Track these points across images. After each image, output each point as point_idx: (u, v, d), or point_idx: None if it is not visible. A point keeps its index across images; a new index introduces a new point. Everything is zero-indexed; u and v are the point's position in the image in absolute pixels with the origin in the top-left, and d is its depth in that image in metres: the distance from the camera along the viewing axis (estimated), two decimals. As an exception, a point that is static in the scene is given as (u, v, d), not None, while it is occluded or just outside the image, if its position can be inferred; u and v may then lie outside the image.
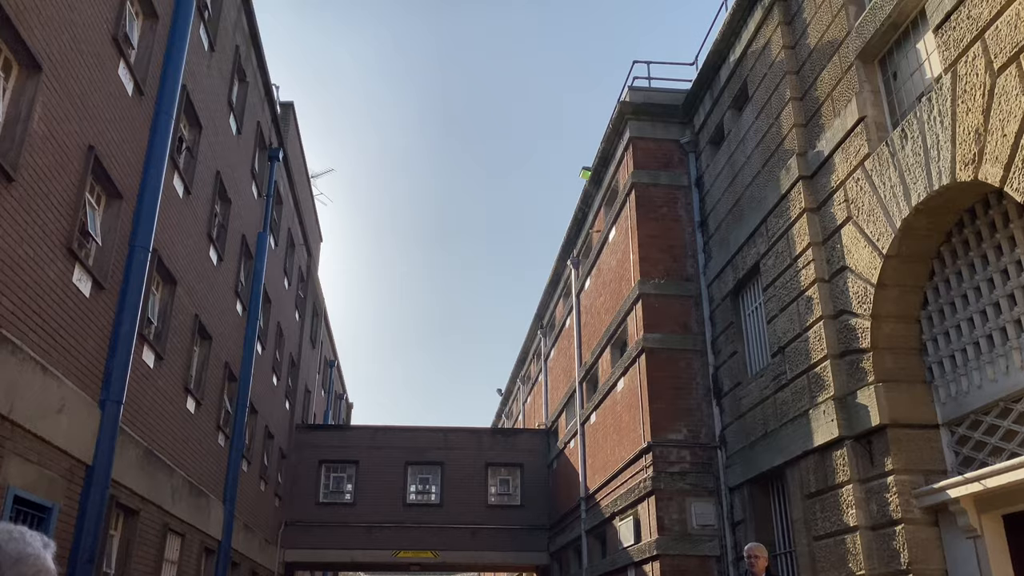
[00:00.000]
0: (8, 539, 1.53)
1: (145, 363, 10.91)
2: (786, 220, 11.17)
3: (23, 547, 1.54)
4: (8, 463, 7.31)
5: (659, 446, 13.83)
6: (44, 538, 1.61)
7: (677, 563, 13.12)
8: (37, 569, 1.54)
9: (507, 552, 23.45)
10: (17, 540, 1.54)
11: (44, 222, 7.90)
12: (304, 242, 24.57)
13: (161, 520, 11.79)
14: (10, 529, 1.56)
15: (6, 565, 1.50)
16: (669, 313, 14.69)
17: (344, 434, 25.48)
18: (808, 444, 10.12)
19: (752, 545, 7.57)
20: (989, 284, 8.15)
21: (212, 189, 13.85)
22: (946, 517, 8.37)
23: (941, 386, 8.83)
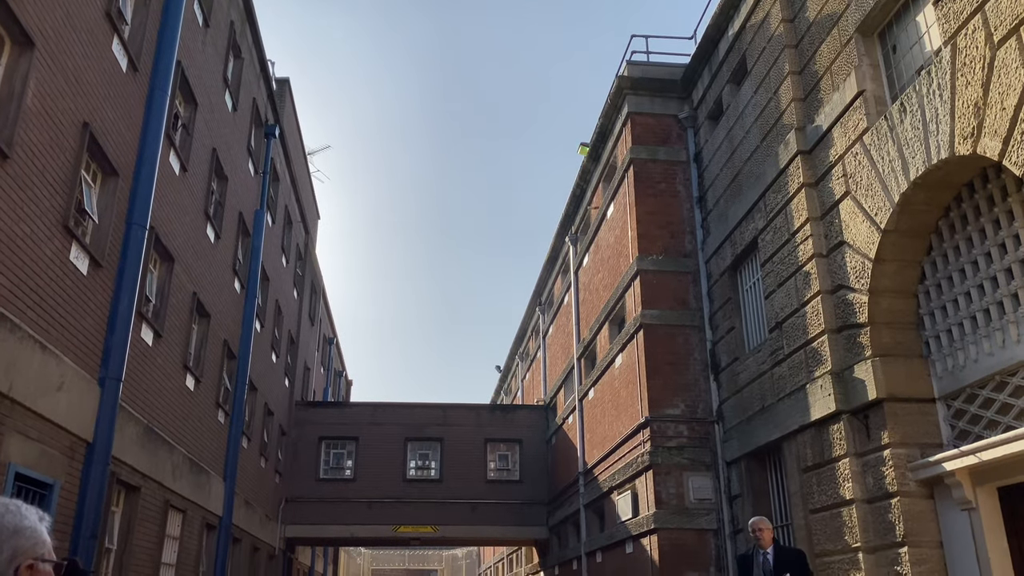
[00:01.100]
0: (5, 512, 1.55)
1: (144, 341, 10.92)
2: (784, 195, 11.16)
3: (19, 520, 1.56)
4: (8, 440, 7.34)
5: (657, 421, 13.91)
6: (40, 511, 1.63)
7: (675, 537, 13.24)
8: (34, 541, 1.56)
9: (506, 526, 23.66)
10: (13, 513, 1.56)
11: (40, 199, 7.87)
12: (301, 219, 24.52)
13: (162, 497, 11.87)
14: (6, 503, 1.57)
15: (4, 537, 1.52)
16: (667, 289, 14.70)
17: (344, 411, 25.59)
18: (805, 418, 10.17)
19: (757, 519, 7.58)
20: (987, 258, 8.16)
21: (208, 166, 13.79)
22: (941, 490, 8.44)
23: (938, 360, 8.87)
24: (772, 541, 7.46)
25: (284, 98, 20.89)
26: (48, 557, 1.58)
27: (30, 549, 1.54)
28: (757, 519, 7.58)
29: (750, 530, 7.57)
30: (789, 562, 7.17)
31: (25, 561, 1.53)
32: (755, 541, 7.48)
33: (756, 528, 7.48)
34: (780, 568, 7.10)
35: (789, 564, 7.12)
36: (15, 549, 1.52)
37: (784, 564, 7.14)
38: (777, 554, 7.31)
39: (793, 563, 7.12)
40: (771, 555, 7.32)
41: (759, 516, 7.66)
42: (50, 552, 1.60)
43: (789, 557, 7.31)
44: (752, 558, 7.43)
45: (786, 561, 7.20)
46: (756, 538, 7.45)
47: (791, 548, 7.76)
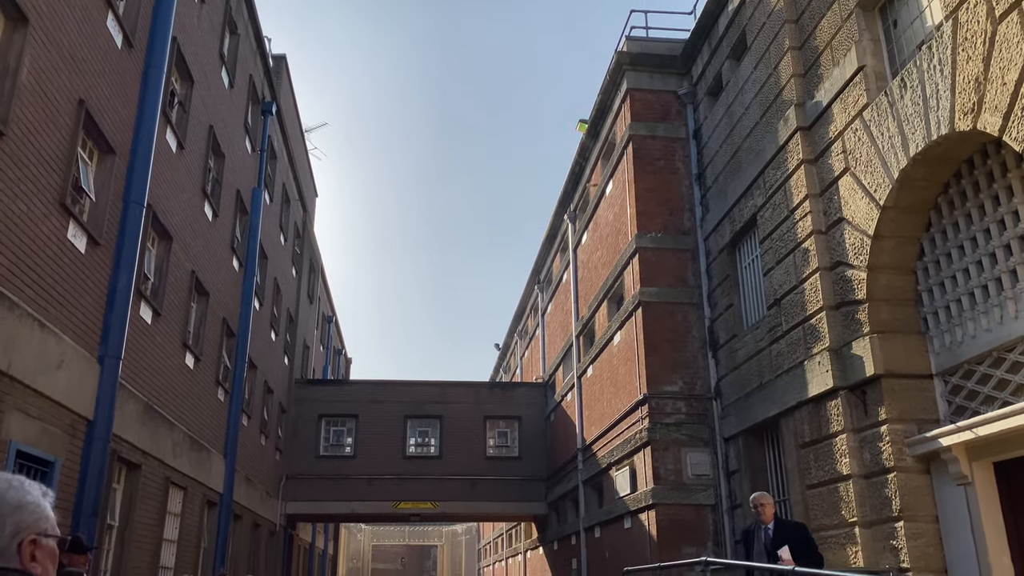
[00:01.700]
0: (7, 488, 1.55)
1: (143, 319, 10.93)
2: (784, 172, 11.12)
3: (23, 495, 1.56)
4: (9, 418, 7.36)
5: (655, 398, 13.96)
6: (43, 487, 1.63)
7: (672, 512, 13.34)
8: (37, 516, 1.56)
9: (506, 502, 23.82)
10: (16, 488, 1.56)
11: (36, 177, 7.84)
12: (299, 197, 24.44)
13: (163, 474, 11.93)
14: (9, 478, 1.58)
15: (6, 512, 1.52)
16: (666, 266, 14.70)
17: (343, 389, 25.67)
18: (803, 395, 10.21)
19: (758, 494, 7.54)
20: (985, 234, 8.15)
21: (205, 144, 13.72)
22: (938, 465, 8.50)
23: (936, 336, 8.89)
24: (773, 516, 7.42)
25: (281, 75, 20.75)
26: (52, 532, 1.58)
27: (33, 524, 1.54)
28: (758, 494, 7.54)
29: (751, 505, 7.50)
30: (789, 536, 7.16)
31: (28, 536, 1.53)
32: (756, 516, 7.44)
33: (757, 503, 7.42)
34: (780, 542, 7.10)
35: (789, 538, 7.11)
36: (18, 524, 1.52)
37: (784, 538, 7.13)
38: (777, 528, 7.29)
39: (793, 537, 7.11)
40: (771, 530, 7.31)
41: (760, 491, 7.65)
42: (53, 527, 1.60)
43: (789, 531, 7.29)
44: (754, 533, 7.43)
45: (786, 535, 7.19)
46: (757, 513, 7.40)
47: (792, 522, 7.72)
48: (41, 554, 1.54)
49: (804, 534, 7.21)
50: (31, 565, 1.52)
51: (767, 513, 7.29)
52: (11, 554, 1.50)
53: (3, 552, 1.49)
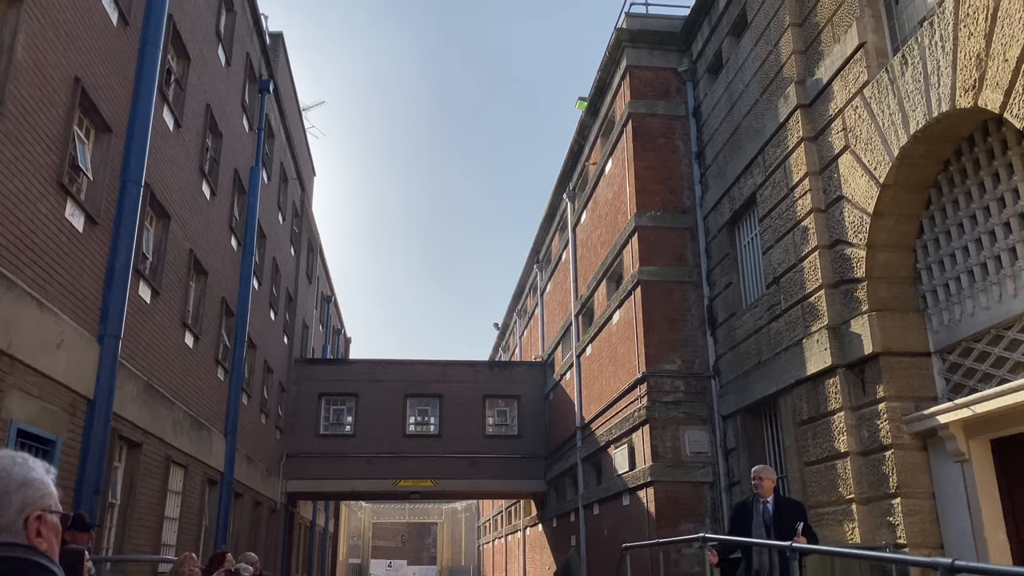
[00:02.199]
0: (12, 464, 1.56)
1: (142, 298, 10.93)
2: (783, 150, 11.08)
3: (27, 472, 1.58)
4: (10, 397, 7.38)
5: (654, 376, 14.01)
6: (46, 464, 1.65)
7: (671, 489, 13.42)
8: (42, 493, 1.57)
9: (505, 480, 23.97)
10: (21, 465, 1.57)
11: (33, 156, 7.81)
12: (297, 176, 24.36)
13: (163, 452, 11.99)
14: (13, 455, 1.59)
15: (12, 488, 1.53)
16: (665, 245, 14.69)
17: (343, 368, 25.73)
18: (801, 373, 10.24)
19: (759, 467, 7.43)
20: (985, 212, 8.14)
21: (203, 122, 13.65)
22: (935, 442, 8.54)
23: (934, 314, 8.90)
24: (773, 491, 7.39)
25: (278, 53, 20.61)
26: (55, 508, 1.60)
27: (38, 500, 1.56)
28: (760, 467, 7.42)
29: (752, 477, 7.42)
30: (790, 513, 7.15)
31: (34, 512, 1.54)
32: (755, 489, 7.35)
33: (757, 476, 7.25)
34: (780, 518, 7.09)
35: (790, 515, 7.10)
36: (24, 500, 1.54)
37: (785, 514, 7.11)
38: (777, 504, 7.24)
39: (794, 514, 7.11)
40: (771, 504, 7.29)
41: (762, 465, 7.61)
42: (57, 504, 1.62)
43: (790, 508, 7.24)
44: (751, 506, 7.37)
45: (787, 512, 7.17)
46: (756, 486, 7.31)
47: (791, 499, 7.71)
48: (46, 529, 1.56)
49: (804, 513, 7.22)
50: (36, 540, 1.53)
51: (766, 487, 7.22)
52: (17, 529, 1.51)
53: (9, 528, 1.51)
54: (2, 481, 1.54)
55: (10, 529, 1.51)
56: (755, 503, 7.31)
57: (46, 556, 1.54)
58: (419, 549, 57.55)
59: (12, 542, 1.50)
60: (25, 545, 1.51)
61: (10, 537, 1.50)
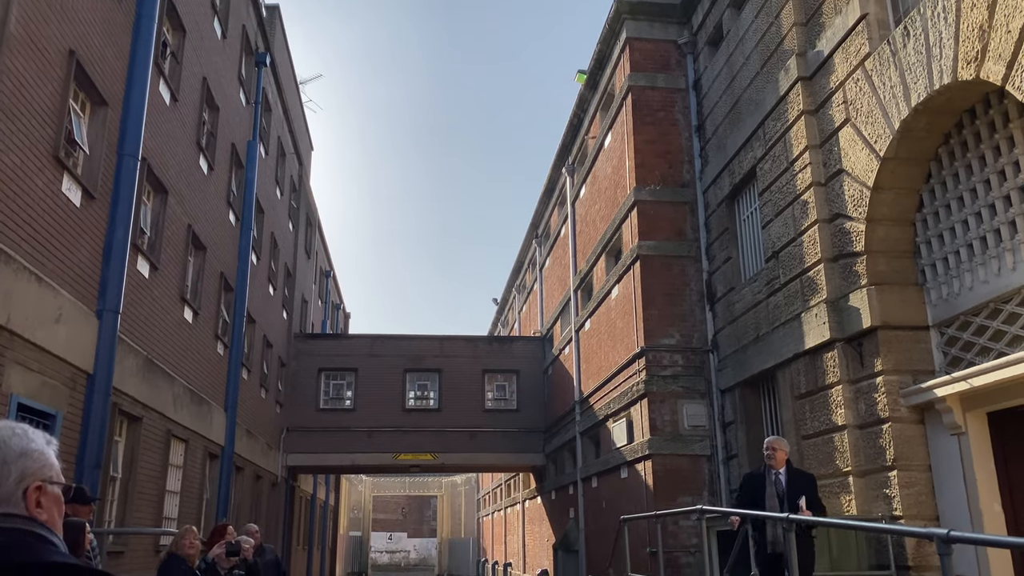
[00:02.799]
0: (11, 435, 1.55)
1: (140, 273, 10.91)
2: (784, 123, 11.02)
3: (27, 443, 1.56)
4: (10, 371, 7.40)
5: (652, 351, 14.04)
6: (46, 435, 1.63)
7: (668, 462, 13.51)
8: (41, 464, 1.56)
9: (504, 453, 24.11)
10: (20, 436, 1.56)
11: (29, 130, 7.75)
12: (295, 151, 24.24)
13: (164, 427, 12.04)
14: (12, 426, 1.58)
15: (11, 459, 1.52)
16: (664, 220, 14.65)
17: (342, 343, 25.78)
18: (800, 347, 10.27)
19: (773, 438, 7.27)
20: (985, 185, 8.12)
21: (199, 96, 13.55)
22: (932, 415, 8.58)
23: (933, 288, 8.90)
24: (785, 462, 7.26)
25: (274, 25, 20.41)
26: (56, 479, 1.59)
27: (38, 471, 1.55)
28: (773, 438, 7.35)
29: (764, 448, 7.38)
30: (803, 485, 7.06)
31: (33, 483, 1.53)
32: (768, 460, 7.31)
33: (770, 447, 7.22)
34: (794, 489, 7.07)
35: (803, 487, 7.02)
36: (23, 471, 1.53)
37: (798, 486, 7.03)
38: (790, 475, 7.18)
39: (807, 487, 7.05)
40: (783, 475, 7.26)
41: (775, 436, 7.59)
42: (58, 475, 1.60)
43: (803, 480, 7.20)
44: (763, 477, 7.33)
45: (800, 483, 7.10)
46: (769, 457, 7.27)
47: (805, 472, 7.64)
48: (47, 500, 1.55)
49: (815, 486, 7.18)
50: (36, 511, 1.52)
51: (779, 458, 7.14)
52: (17, 500, 1.50)
53: (8, 499, 1.49)
54: (1, 451, 1.53)
55: (9, 500, 1.49)
56: (767, 473, 7.27)
57: (46, 527, 1.52)
58: (419, 522, 58.05)
59: (11, 513, 1.49)
60: (25, 516, 1.50)
61: (9, 508, 1.49)
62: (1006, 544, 5.94)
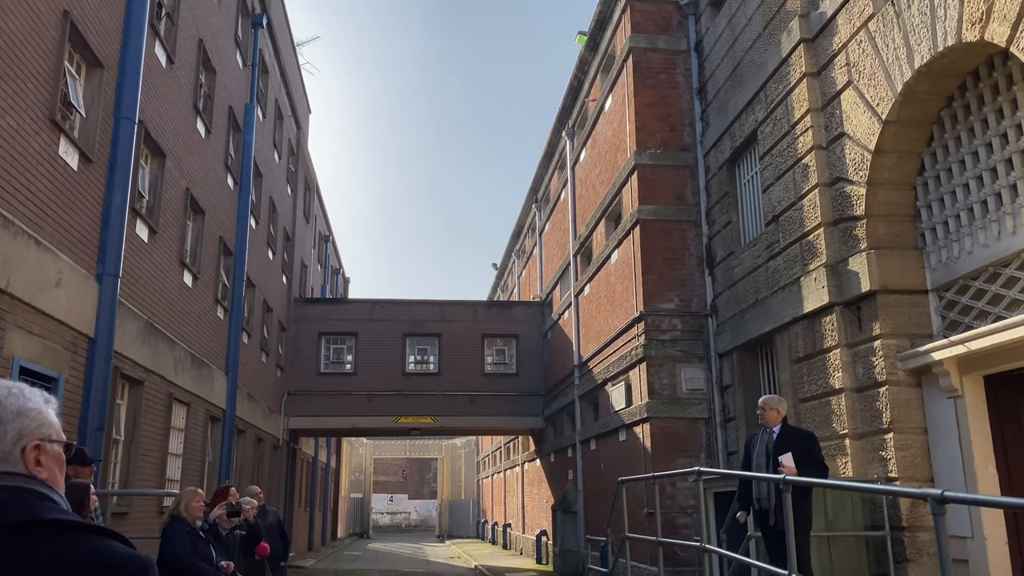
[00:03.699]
0: (7, 395, 1.55)
1: (139, 237, 10.90)
2: (786, 86, 10.92)
3: (23, 402, 1.55)
4: (11, 335, 7.42)
5: (651, 315, 14.08)
6: (45, 394, 1.62)
7: (666, 425, 13.62)
8: (39, 423, 1.55)
9: (503, 417, 24.30)
10: (17, 396, 1.55)
11: (24, 92, 7.69)
12: (292, 114, 24.05)
13: (165, 390, 12.12)
14: (8, 386, 1.57)
15: (7, 418, 1.52)
16: (664, 184, 14.59)
17: (342, 307, 25.84)
18: (798, 311, 10.29)
19: (764, 398, 7.17)
20: (987, 149, 8.07)
21: (196, 58, 13.42)
22: (929, 378, 8.63)
23: (932, 252, 8.90)
24: (780, 421, 7.05)
25: (270, -14, 20.10)
26: (56, 438, 1.58)
27: (35, 430, 1.54)
28: (764, 398, 7.18)
29: (757, 408, 7.29)
30: (794, 443, 6.80)
31: (31, 442, 1.52)
32: (759, 420, 7.20)
33: (761, 406, 7.10)
34: (782, 447, 6.80)
35: (793, 445, 6.77)
36: (20, 430, 1.52)
37: (787, 444, 6.82)
38: (783, 434, 6.97)
39: (799, 445, 6.77)
40: (776, 434, 7.02)
41: (769, 395, 7.41)
42: (58, 433, 1.59)
43: (796, 439, 6.91)
44: (757, 437, 7.26)
45: (789, 442, 6.86)
46: (760, 416, 7.09)
47: (800, 430, 7.28)
48: (46, 459, 1.54)
49: (810, 443, 6.89)
50: (36, 470, 1.51)
51: (769, 417, 7.01)
52: (15, 459, 1.50)
53: (7, 458, 1.49)
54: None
55: (7, 459, 1.49)
56: (762, 433, 7.26)
57: (47, 485, 1.52)
58: (420, 484, 58.66)
59: (11, 471, 1.49)
60: (24, 474, 1.50)
61: (8, 467, 1.48)
62: (998, 504, 6.01)
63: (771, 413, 6.98)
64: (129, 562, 1.42)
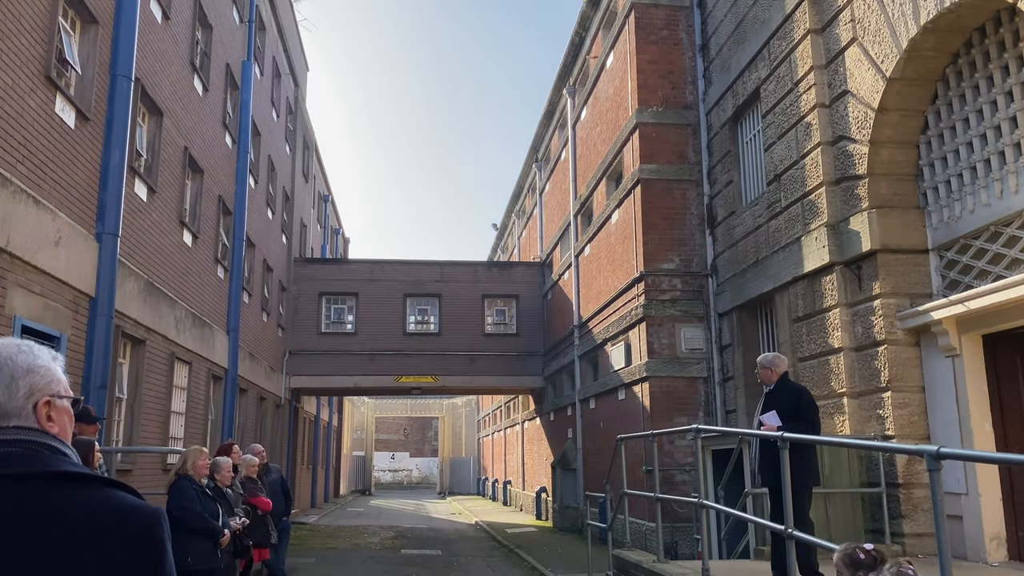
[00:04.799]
0: (17, 352, 1.57)
1: (138, 196, 10.85)
2: (789, 42, 10.78)
3: (33, 359, 1.58)
4: (12, 294, 7.43)
5: (651, 275, 14.08)
6: (52, 351, 1.65)
7: (666, 384, 13.71)
8: (49, 379, 1.58)
9: (503, 376, 24.44)
10: (26, 353, 1.58)
11: (19, 49, 7.59)
12: (290, 71, 23.78)
13: (167, 349, 12.17)
14: (18, 343, 1.59)
15: (19, 374, 1.54)
16: (666, 142, 14.49)
17: (343, 267, 25.84)
18: (799, 270, 10.29)
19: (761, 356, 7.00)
20: (992, 107, 8.00)
21: (192, 14, 13.23)
22: (928, 337, 8.66)
23: (934, 211, 8.87)
24: (776, 380, 6.82)
25: (266, -60, 19.74)
26: (65, 394, 1.61)
27: (46, 387, 1.57)
28: (761, 356, 7.02)
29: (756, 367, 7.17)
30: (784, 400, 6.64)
31: (42, 398, 1.55)
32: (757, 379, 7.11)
33: (758, 366, 6.96)
34: (771, 404, 6.68)
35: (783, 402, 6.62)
36: (31, 386, 1.55)
37: (776, 402, 6.67)
38: (774, 392, 6.78)
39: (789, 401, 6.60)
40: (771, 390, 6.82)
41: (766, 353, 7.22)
42: (66, 389, 1.62)
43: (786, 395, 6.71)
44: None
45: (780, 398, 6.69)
46: (758, 375, 6.97)
47: (794, 386, 6.96)
48: (56, 414, 1.57)
49: (800, 398, 6.67)
50: (48, 425, 1.55)
51: (763, 375, 6.90)
52: (27, 415, 1.53)
53: (19, 413, 1.52)
54: (8, 368, 1.54)
55: (20, 415, 1.52)
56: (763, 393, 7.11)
57: (58, 439, 1.56)
58: (421, 442, 59.23)
59: (23, 426, 1.52)
60: (37, 429, 1.53)
61: (21, 422, 1.52)
62: (993, 459, 6.09)
63: (764, 372, 6.87)
64: (142, 511, 1.46)
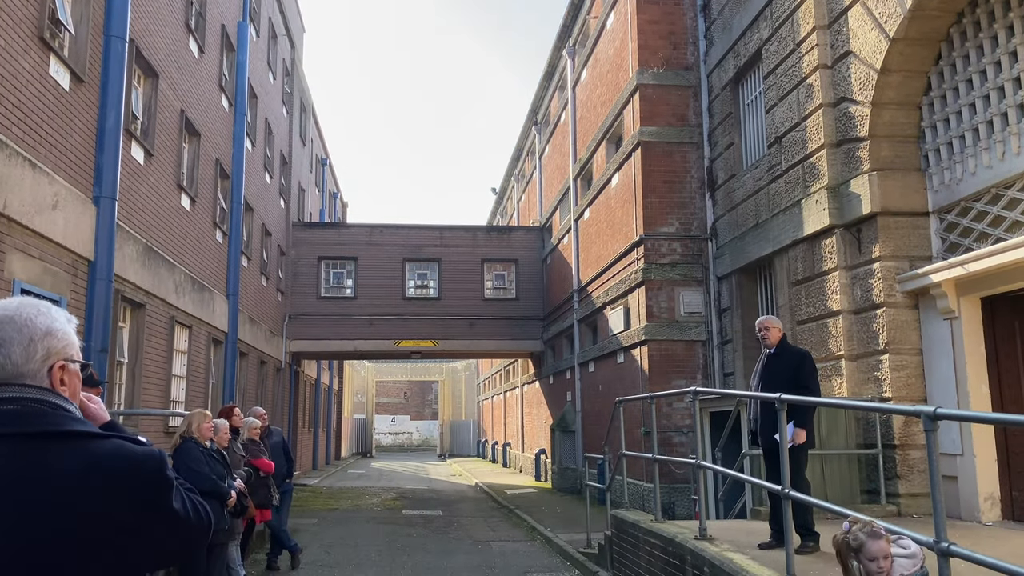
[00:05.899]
0: (37, 313, 1.60)
1: (135, 160, 10.78)
2: (792, 2, 10.64)
3: (51, 321, 1.61)
4: (10, 258, 7.42)
5: (651, 239, 14.06)
6: (67, 314, 1.68)
7: (664, 347, 13.76)
8: (65, 343, 1.62)
9: (503, 340, 24.53)
10: (45, 315, 1.61)
11: (11, 8, 7.48)
12: (286, 32, 23.49)
13: (167, 313, 12.18)
14: (37, 304, 1.61)
15: (37, 336, 1.57)
16: (667, 104, 14.37)
17: (341, 232, 25.78)
18: (798, 233, 10.27)
19: (761, 318, 7.02)
20: (996, 67, 7.92)
21: (185, -26, 13.02)
22: (926, 300, 8.68)
23: (935, 174, 8.83)
24: (778, 342, 6.82)
25: None
26: (77, 358, 1.65)
27: (61, 350, 1.60)
28: (761, 318, 7.03)
29: (756, 329, 7.07)
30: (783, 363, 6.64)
31: (57, 361, 1.59)
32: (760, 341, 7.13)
33: (760, 326, 6.92)
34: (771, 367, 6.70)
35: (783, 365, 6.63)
36: (48, 349, 1.58)
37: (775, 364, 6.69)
38: (776, 355, 6.78)
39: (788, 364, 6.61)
40: (770, 353, 6.83)
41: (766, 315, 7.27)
42: (79, 353, 1.66)
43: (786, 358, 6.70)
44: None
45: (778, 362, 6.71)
46: (762, 337, 6.92)
47: (793, 349, 6.99)
48: (69, 377, 1.62)
49: (800, 362, 6.67)
50: (61, 388, 1.59)
51: (771, 337, 6.93)
52: (42, 377, 1.57)
53: (35, 375, 1.56)
54: (27, 329, 1.57)
55: (35, 376, 1.56)
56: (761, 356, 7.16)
57: (69, 401, 1.60)
58: (421, 405, 59.62)
59: (38, 386, 1.55)
60: (49, 389, 1.57)
61: (36, 382, 1.56)
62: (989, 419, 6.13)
63: (771, 332, 6.86)
64: (148, 456, 1.56)
